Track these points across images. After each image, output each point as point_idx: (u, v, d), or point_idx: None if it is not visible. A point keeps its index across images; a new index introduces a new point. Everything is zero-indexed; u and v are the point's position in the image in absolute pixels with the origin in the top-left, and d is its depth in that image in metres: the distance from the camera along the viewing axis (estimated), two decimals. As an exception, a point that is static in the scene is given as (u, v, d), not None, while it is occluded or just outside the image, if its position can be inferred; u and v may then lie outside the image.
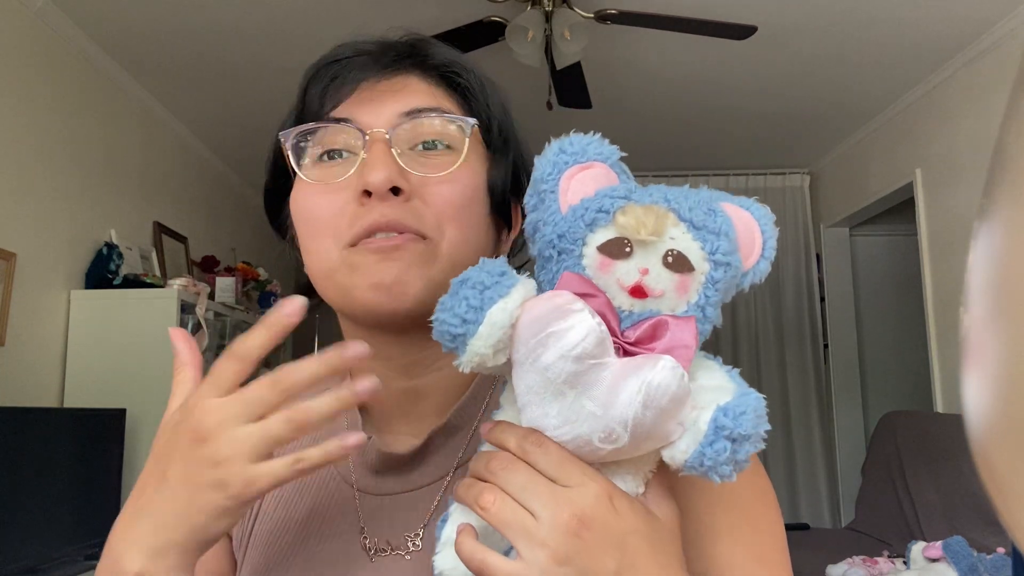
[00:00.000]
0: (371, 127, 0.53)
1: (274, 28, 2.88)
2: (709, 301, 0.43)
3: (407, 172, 0.52)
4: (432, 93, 0.56)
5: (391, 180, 0.50)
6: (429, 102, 0.55)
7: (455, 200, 0.53)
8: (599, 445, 0.42)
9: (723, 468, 0.41)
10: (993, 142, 0.18)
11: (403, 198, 0.51)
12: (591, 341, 0.40)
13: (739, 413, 0.40)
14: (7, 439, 2.16)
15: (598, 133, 0.47)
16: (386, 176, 0.50)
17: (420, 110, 0.54)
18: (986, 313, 0.17)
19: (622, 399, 0.40)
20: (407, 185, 0.52)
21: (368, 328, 0.55)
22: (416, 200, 0.52)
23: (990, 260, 0.17)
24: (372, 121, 0.54)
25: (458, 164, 0.54)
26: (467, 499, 0.44)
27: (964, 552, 2.41)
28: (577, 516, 0.41)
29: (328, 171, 0.54)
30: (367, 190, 0.51)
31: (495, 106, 0.59)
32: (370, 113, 0.54)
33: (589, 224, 0.43)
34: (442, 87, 0.57)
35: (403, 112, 0.54)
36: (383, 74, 0.55)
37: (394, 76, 0.56)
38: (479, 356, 0.42)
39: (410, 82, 0.56)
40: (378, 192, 0.51)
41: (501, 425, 0.45)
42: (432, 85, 0.57)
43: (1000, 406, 0.17)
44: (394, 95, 0.55)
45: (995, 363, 0.17)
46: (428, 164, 0.54)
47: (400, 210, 0.51)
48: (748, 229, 0.46)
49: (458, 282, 0.43)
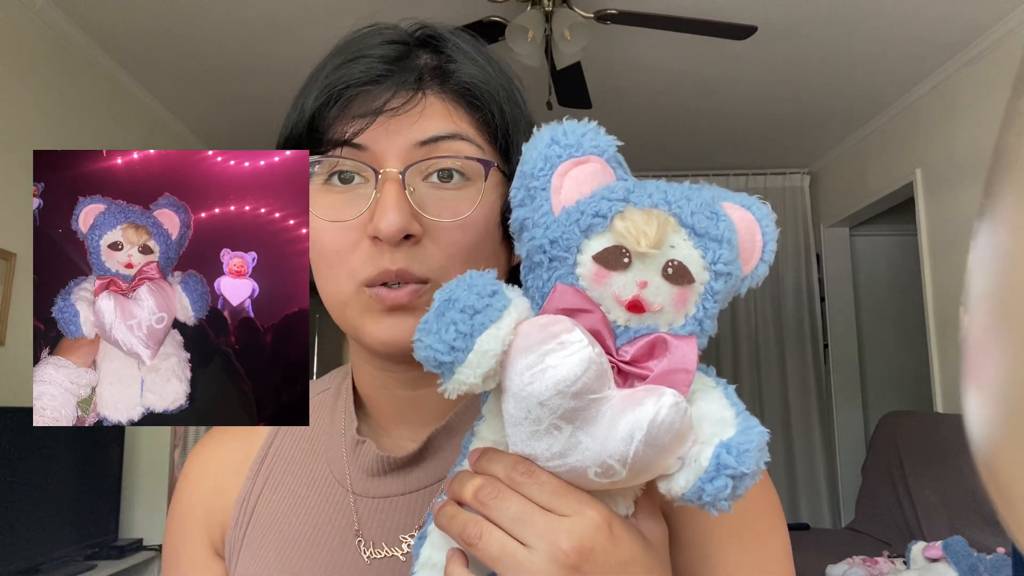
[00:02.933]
0: (385, 160, 0.52)
1: (274, 28, 2.87)
2: (707, 313, 0.41)
3: (420, 216, 0.51)
4: (450, 116, 0.54)
5: (403, 230, 0.49)
6: (448, 127, 0.53)
7: (466, 244, 0.53)
8: (594, 479, 0.39)
9: (722, 504, 0.39)
10: (993, 142, 0.18)
11: (414, 241, 0.51)
12: (591, 375, 0.37)
13: (743, 451, 0.38)
14: (7, 439, 2.16)
15: (593, 122, 0.43)
16: (399, 227, 0.49)
17: (438, 138, 0.52)
18: (987, 314, 0.17)
19: (622, 435, 0.38)
20: (419, 230, 0.51)
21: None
22: (427, 240, 0.52)
23: (990, 261, 0.17)
24: (387, 152, 0.52)
25: (473, 209, 0.52)
26: (450, 531, 0.42)
27: (964, 552, 2.41)
28: (577, 547, 0.39)
29: (339, 198, 0.53)
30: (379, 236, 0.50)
31: (515, 128, 0.57)
32: (385, 142, 0.52)
33: (584, 230, 0.40)
34: (461, 107, 0.55)
35: (420, 141, 0.52)
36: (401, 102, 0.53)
37: (412, 103, 0.53)
38: (467, 385, 0.39)
39: (428, 105, 0.53)
40: (390, 242, 0.50)
41: (488, 453, 0.43)
42: (450, 105, 0.54)
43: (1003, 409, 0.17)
44: (410, 124, 0.52)
45: (996, 365, 0.17)
46: (443, 202, 0.52)
47: (409, 256, 0.51)
48: (750, 231, 0.43)
49: (444, 301, 0.40)
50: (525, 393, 0.38)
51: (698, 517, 0.52)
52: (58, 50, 2.76)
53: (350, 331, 0.55)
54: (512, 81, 0.59)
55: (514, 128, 0.56)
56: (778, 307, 4.67)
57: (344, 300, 0.53)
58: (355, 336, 0.55)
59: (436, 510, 0.44)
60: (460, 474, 0.44)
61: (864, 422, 4.51)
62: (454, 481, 0.44)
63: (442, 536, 0.44)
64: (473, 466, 0.44)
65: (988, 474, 0.17)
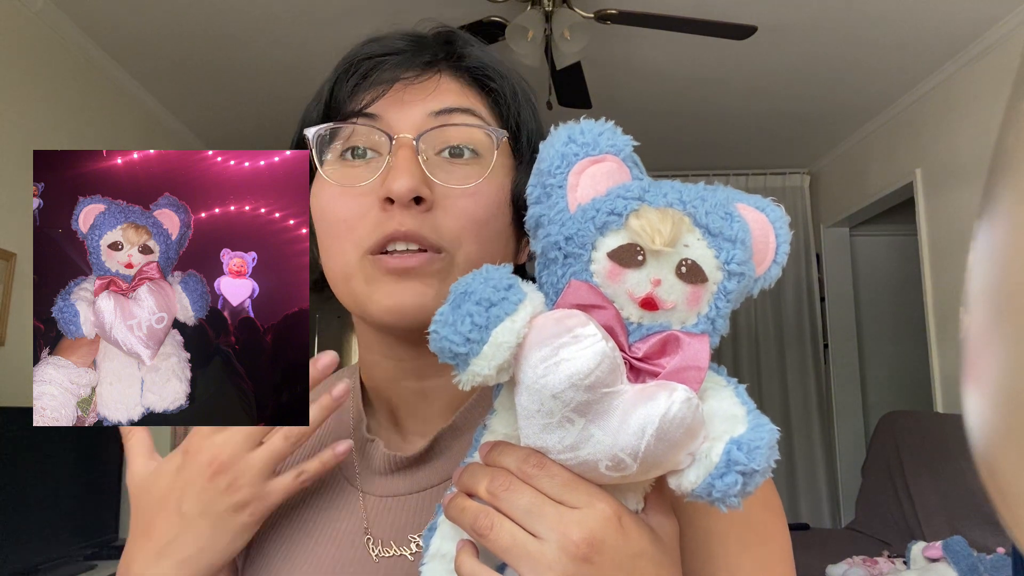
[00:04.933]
0: (399, 128, 0.53)
1: (274, 28, 2.87)
2: (720, 313, 0.41)
3: (431, 181, 0.52)
4: (464, 93, 0.55)
5: (414, 190, 0.50)
6: (460, 102, 0.54)
7: (477, 214, 0.53)
8: (605, 472, 0.40)
9: (732, 500, 0.39)
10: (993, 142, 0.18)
11: (424, 207, 0.51)
12: (605, 368, 0.38)
13: (753, 448, 0.39)
14: (7, 439, 2.16)
15: (611, 121, 0.44)
16: (410, 186, 0.50)
17: (451, 110, 0.54)
18: (987, 315, 0.17)
19: (633, 429, 0.38)
20: (430, 195, 0.51)
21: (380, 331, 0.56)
22: (438, 210, 0.52)
23: (991, 261, 0.17)
24: (400, 121, 0.53)
25: (483, 178, 0.53)
26: (461, 523, 0.42)
27: (964, 552, 2.41)
28: (587, 539, 0.39)
29: (351, 171, 0.54)
30: (390, 197, 0.50)
31: (526, 114, 0.58)
32: (399, 112, 0.53)
33: (600, 227, 0.41)
34: (474, 88, 0.56)
35: (433, 111, 0.53)
36: (416, 74, 0.54)
37: (426, 76, 0.55)
38: (481, 377, 0.39)
39: (442, 81, 0.55)
40: (400, 201, 0.50)
41: (499, 446, 0.44)
42: (464, 85, 0.56)
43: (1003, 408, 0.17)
44: (424, 96, 0.54)
45: (997, 365, 0.17)
46: (454, 173, 0.53)
47: (420, 221, 0.51)
48: (763, 233, 0.44)
49: (460, 294, 0.40)
50: (539, 386, 0.39)
51: (701, 517, 0.52)
52: (58, 50, 2.76)
53: (356, 306, 0.54)
54: (523, 80, 0.60)
55: (525, 114, 0.58)
56: (778, 307, 4.67)
57: (349, 271, 0.53)
58: (361, 310, 0.54)
59: (446, 502, 0.44)
60: (471, 466, 0.44)
61: (864, 422, 4.51)
62: (465, 473, 0.44)
63: (452, 527, 0.44)
64: (484, 459, 0.44)
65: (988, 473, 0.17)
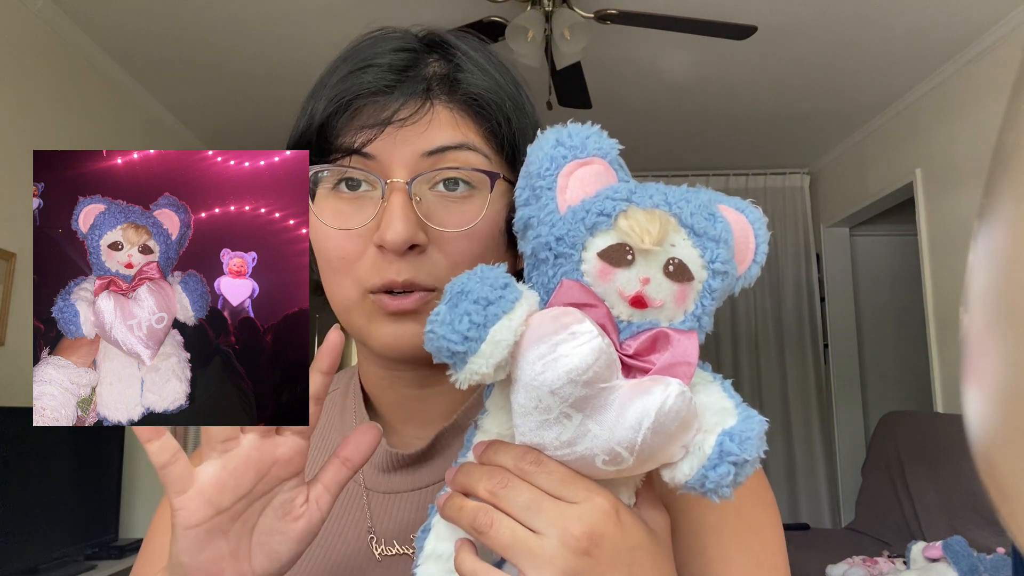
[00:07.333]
0: (392, 170, 0.52)
1: (274, 28, 2.87)
2: (705, 310, 0.43)
3: (426, 225, 0.52)
4: (457, 126, 0.54)
5: (408, 240, 0.50)
6: (455, 137, 0.53)
7: (472, 251, 0.53)
8: (601, 467, 0.40)
9: (724, 490, 0.40)
10: (993, 142, 0.18)
11: (419, 251, 0.52)
12: (602, 364, 0.39)
13: (745, 439, 0.39)
14: (7, 439, 2.16)
15: (597, 125, 0.45)
16: (404, 237, 0.50)
17: (445, 148, 0.53)
18: (987, 314, 0.17)
19: (630, 423, 0.39)
20: (425, 240, 0.52)
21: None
22: (434, 251, 0.52)
23: (991, 261, 0.17)
24: (394, 162, 0.52)
25: (479, 219, 0.53)
26: (459, 522, 0.43)
27: (964, 552, 2.41)
28: (587, 533, 0.40)
29: (346, 205, 0.54)
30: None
31: (523, 134, 0.57)
32: (392, 152, 0.52)
33: (590, 228, 0.41)
34: (468, 116, 0.55)
35: (427, 151, 0.53)
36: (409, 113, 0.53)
37: (420, 114, 0.53)
38: (479, 375, 0.40)
39: (436, 116, 0.54)
40: (395, 252, 0.51)
41: (495, 445, 0.44)
42: (458, 116, 0.55)
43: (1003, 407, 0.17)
44: (417, 135, 0.53)
45: (997, 365, 0.17)
46: (450, 210, 0.53)
47: (416, 266, 0.52)
48: (744, 233, 0.45)
49: (457, 293, 0.41)
50: (537, 382, 0.39)
51: (694, 510, 0.53)
52: (58, 50, 2.76)
53: (357, 335, 0.56)
54: (520, 87, 0.59)
55: (521, 137, 0.57)
56: (778, 307, 4.67)
57: (350, 306, 0.54)
58: (362, 340, 0.56)
59: (441, 503, 0.45)
60: (466, 466, 0.45)
61: (864, 422, 4.51)
62: (460, 472, 0.45)
63: (448, 527, 0.45)
64: (480, 458, 0.45)
65: (987, 472, 0.17)
